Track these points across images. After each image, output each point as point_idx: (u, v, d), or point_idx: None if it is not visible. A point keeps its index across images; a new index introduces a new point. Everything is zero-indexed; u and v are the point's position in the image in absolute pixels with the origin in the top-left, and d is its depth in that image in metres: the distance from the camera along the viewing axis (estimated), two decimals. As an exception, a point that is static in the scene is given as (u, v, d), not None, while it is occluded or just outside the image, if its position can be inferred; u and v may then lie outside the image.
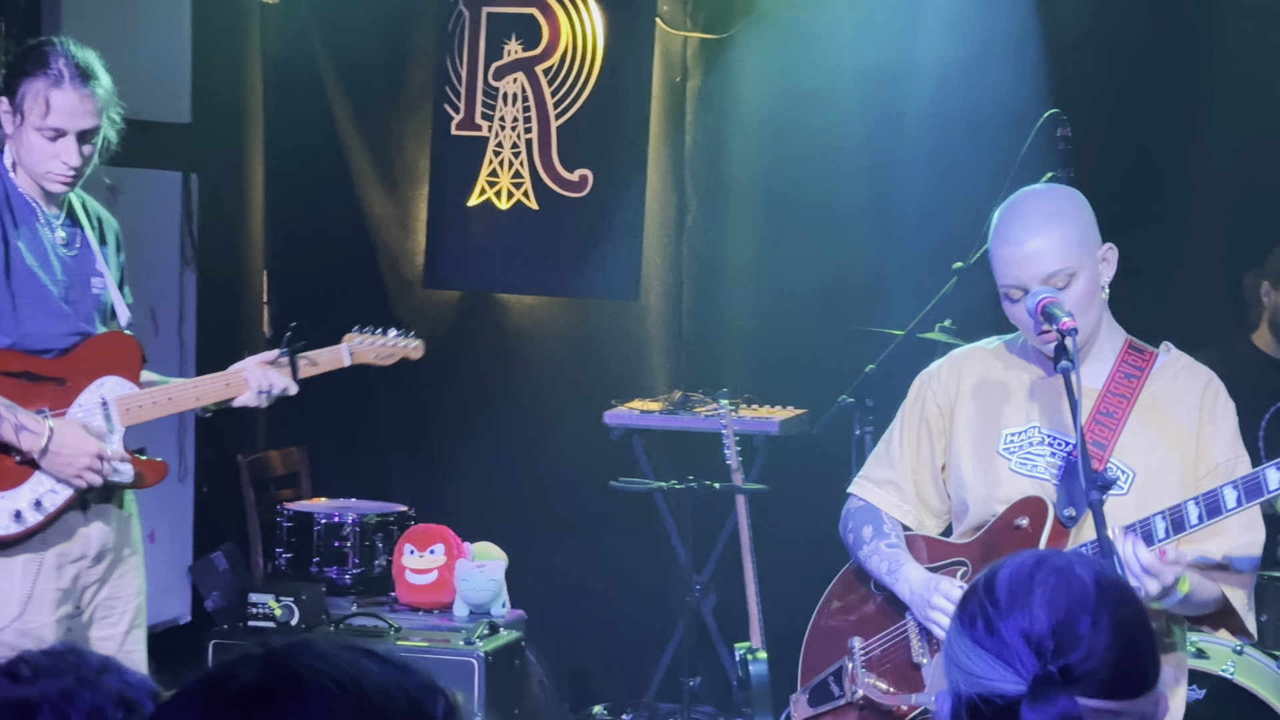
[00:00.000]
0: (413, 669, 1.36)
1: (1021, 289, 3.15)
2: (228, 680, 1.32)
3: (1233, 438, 3.22)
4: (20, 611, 3.79)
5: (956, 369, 3.39)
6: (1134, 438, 3.18)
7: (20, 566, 3.82)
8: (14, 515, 3.79)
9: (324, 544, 5.81)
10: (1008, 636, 1.80)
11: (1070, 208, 3.24)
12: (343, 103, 6.71)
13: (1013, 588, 1.84)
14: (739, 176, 6.49)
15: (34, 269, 3.83)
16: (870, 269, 6.24)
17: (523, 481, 6.61)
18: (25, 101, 3.78)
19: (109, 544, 3.96)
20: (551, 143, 6.52)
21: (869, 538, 3.37)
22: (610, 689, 6.48)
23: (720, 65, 6.48)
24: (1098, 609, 1.81)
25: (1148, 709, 1.82)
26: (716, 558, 6.16)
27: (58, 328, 3.87)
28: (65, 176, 3.82)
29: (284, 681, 1.31)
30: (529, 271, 6.61)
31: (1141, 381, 3.24)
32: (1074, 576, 1.84)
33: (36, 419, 3.78)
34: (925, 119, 6.06)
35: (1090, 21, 5.85)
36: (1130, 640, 1.82)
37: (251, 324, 6.59)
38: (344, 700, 1.30)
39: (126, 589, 4.03)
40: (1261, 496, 2.99)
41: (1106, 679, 1.78)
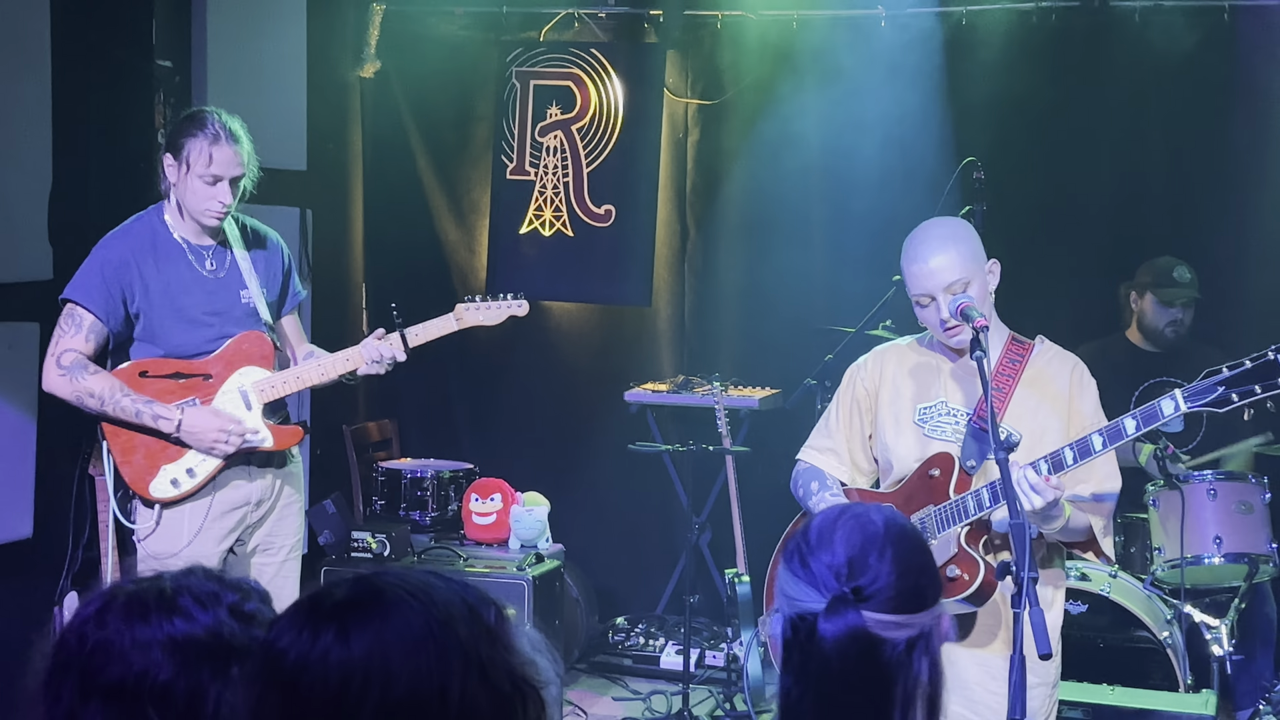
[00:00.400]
0: (471, 585, 1.37)
1: (929, 296, 3.17)
2: (325, 596, 1.33)
3: (1096, 405, 3.24)
4: (189, 542, 3.83)
5: (879, 361, 3.39)
6: (1019, 408, 3.18)
7: (189, 510, 3.87)
8: (172, 482, 3.85)
9: (409, 493, 5.81)
10: (815, 568, 1.83)
11: (962, 232, 3.25)
12: (423, 154, 6.70)
13: (820, 531, 1.87)
14: (728, 210, 6.48)
15: (176, 295, 3.86)
16: (829, 281, 6.22)
17: (562, 445, 6.61)
18: (191, 155, 3.79)
19: (268, 495, 3.98)
20: (584, 184, 6.51)
21: (815, 490, 3.36)
22: (629, 604, 6.48)
23: (714, 125, 6.47)
24: (884, 544, 1.83)
25: (928, 622, 1.82)
26: (711, 504, 6.16)
27: (203, 335, 3.89)
28: (219, 213, 3.85)
29: (370, 594, 1.32)
30: (567, 284, 6.60)
31: (1023, 365, 3.24)
32: (868, 521, 1.87)
33: (169, 409, 3.81)
34: (872, 165, 6.03)
35: (995, 88, 5.84)
36: (911, 568, 1.83)
37: (354, 325, 6.58)
38: (417, 606, 1.30)
39: (285, 529, 4.06)
40: (1121, 440, 3.00)
41: (891, 597, 1.80)
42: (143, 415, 3.79)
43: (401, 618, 1.29)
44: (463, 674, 1.28)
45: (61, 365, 3.79)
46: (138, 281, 3.82)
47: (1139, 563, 5.07)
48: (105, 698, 1.54)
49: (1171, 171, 5.82)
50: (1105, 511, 3.18)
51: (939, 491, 3.16)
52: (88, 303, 3.79)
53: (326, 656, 1.27)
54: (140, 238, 3.87)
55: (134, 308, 3.83)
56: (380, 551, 5.22)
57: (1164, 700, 4.21)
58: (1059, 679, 3.26)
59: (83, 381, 3.78)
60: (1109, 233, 5.90)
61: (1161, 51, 5.73)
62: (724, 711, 5.37)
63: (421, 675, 1.27)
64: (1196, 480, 4.81)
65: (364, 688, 1.26)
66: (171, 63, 5.33)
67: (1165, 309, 5.32)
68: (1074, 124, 5.87)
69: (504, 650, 1.33)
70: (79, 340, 3.79)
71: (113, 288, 3.80)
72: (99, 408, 3.79)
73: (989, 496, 3.06)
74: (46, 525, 4.85)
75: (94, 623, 1.57)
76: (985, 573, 3.06)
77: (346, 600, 1.31)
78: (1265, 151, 5.58)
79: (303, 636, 1.29)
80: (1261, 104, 5.57)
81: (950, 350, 3.28)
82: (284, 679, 1.28)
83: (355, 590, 1.32)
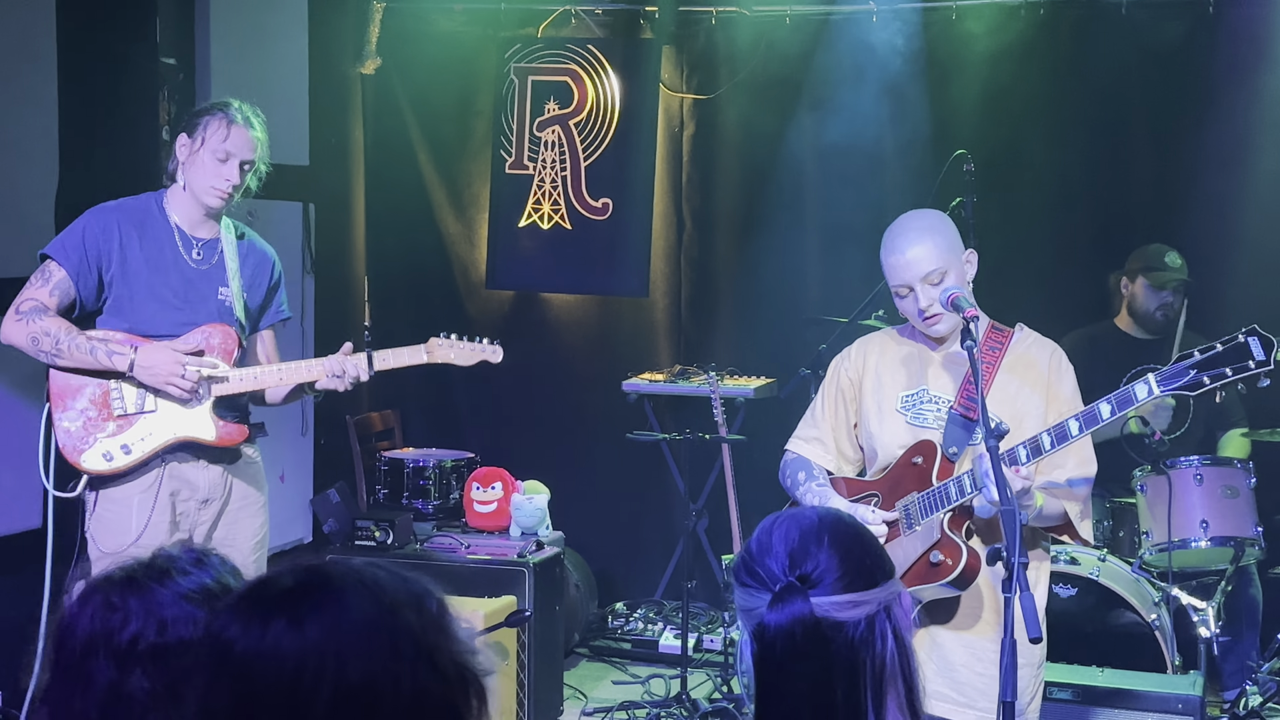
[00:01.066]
0: (413, 576, 1.36)
1: (908, 287, 3.18)
2: (272, 584, 1.31)
3: (1074, 390, 3.24)
4: (137, 537, 3.69)
5: (863, 351, 3.39)
6: (999, 394, 3.18)
7: (136, 501, 3.74)
8: (105, 456, 3.72)
9: (412, 482, 5.82)
10: (762, 573, 1.82)
11: (939, 224, 3.24)
12: (423, 149, 6.71)
13: (759, 540, 1.87)
14: (723, 202, 6.49)
15: (149, 274, 3.78)
16: (822, 272, 6.24)
17: (562, 434, 6.63)
18: (208, 130, 3.76)
19: (216, 493, 3.85)
20: (581, 178, 6.52)
21: (803, 480, 3.36)
22: (628, 589, 6.51)
23: (708, 119, 6.48)
24: (821, 531, 1.83)
25: (884, 597, 1.80)
26: (707, 491, 6.18)
27: (170, 318, 3.79)
28: (224, 192, 3.80)
29: (319, 581, 1.30)
30: (565, 276, 6.61)
31: (1003, 353, 3.24)
32: (803, 516, 1.87)
33: (123, 345, 3.70)
34: (866, 157, 6.06)
35: (985, 81, 5.86)
36: (851, 549, 1.82)
37: (356, 317, 6.60)
38: (367, 594, 1.29)
39: (243, 531, 3.92)
40: (1097, 424, 3.00)
41: (839, 576, 1.78)
42: (96, 352, 3.67)
43: (354, 605, 1.27)
44: (413, 661, 1.27)
45: (19, 311, 3.69)
46: (116, 251, 3.75)
47: (1127, 546, 5.09)
48: (149, 660, 1.54)
49: (1158, 162, 5.84)
50: (1081, 496, 3.18)
51: (922, 478, 3.18)
52: (61, 259, 3.71)
53: (279, 645, 1.24)
54: (131, 212, 3.82)
55: (108, 275, 3.75)
56: (384, 540, 5.23)
57: (1152, 681, 4.23)
58: (1044, 659, 3.28)
59: (37, 322, 3.66)
60: (1097, 223, 5.93)
61: (1147, 43, 5.76)
62: (721, 694, 5.39)
63: (375, 662, 1.25)
64: (1183, 465, 4.84)
65: (318, 675, 1.24)
66: (175, 60, 5.34)
67: (1156, 292, 5.35)
68: (1062, 116, 5.90)
69: (449, 639, 1.32)
70: (43, 292, 3.70)
71: (90, 250, 3.73)
72: (53, 348, 3.66)
73: (970, 483, 3.07)
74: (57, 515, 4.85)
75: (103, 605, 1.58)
76: (968, 557, 3.07)
77: (296, 588, 1.29)
78: (1249, 141, 5.60)
79: (252, 626, 1.26)
80: (1245, 94, 5.59)
81: (930, 339, 3.29)
82: (234, 669, 1.26)
83: (304, 578, 1.30)
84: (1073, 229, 5.95)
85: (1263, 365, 2.91)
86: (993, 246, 3.32)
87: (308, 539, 6.17)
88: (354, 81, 6.58)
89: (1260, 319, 3.04)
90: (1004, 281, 3.43)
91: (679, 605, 5.64)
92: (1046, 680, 3.45)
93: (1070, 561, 4.68)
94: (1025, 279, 5.71)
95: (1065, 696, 4.12)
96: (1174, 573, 4.75)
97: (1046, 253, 5.91)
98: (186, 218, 3.86)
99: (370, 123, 6.69)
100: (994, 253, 3.30)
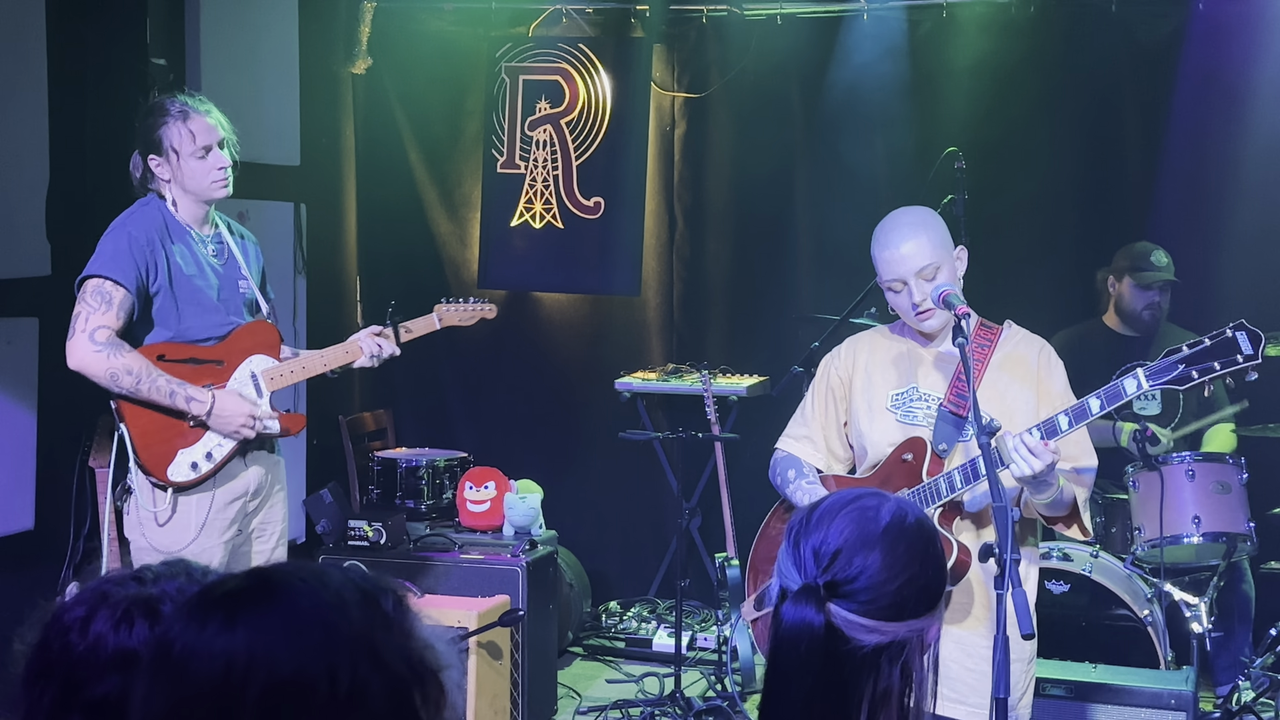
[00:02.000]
0: (370, 575, 1.35)
1: (901, 282, 3.18)
2: (217, 586, 1.32)
3: (1065, 386, 3.24)
4: (196, 535, 3.77)
5: (853, 350, 3.39)
6: (989, 390, 3.18)
7: (195, 502, 3.80)
8: (192, 465, 3.79)
9: (405, 482, 5.81)
10: (804, 548, 1.77)
11: (930, 220, 3.24)
12: (415, 149, 6.70)
13: (822, 513, 1.80)
14: (714, 201, 6.49)
15: (192, 277, 3.81)
16: (814, 270, 6.24)
17: (554, 433, 6.62)
18: (173, 141, 3.76)
19: (264, 482, 3.95)
20: (573, 177, 6.51)
21: (793, 478, 3.36)
22: (622, 588, 6.50)
23: (700, 117, 6.47)
24: (876, 544, 1.75)
25: (903, 633, 1.74)
26: (700, 489, 6.17)
27: (213, 320, 3.84)
28: (224, 180, 3.83)
29: (259, 582, 1.30)
30: (557, 275, 6.60)
31: (992, 350, 3.24)
32: (872, 517, 1.78)
33: (202, 391, 3.77)
34: (857, 156, 6.07)
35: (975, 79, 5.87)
36: (895, 576, 1.74)
37: (347, 317, 6.58)
38: (306, 590, 1.29)
39: (275, 515, 4.02)
40: (1086, 418, 2.99)
41: (871, 599, 1.72)
42: (176, 396, 3.72)
43: (289, 602, 1.27)
44: (352, 656, 1.26)
45: (96, 341, 3.65)
46: (160, 260, 3.75)
47: (1119, 542, 5.09)
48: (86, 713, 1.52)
49: (1148, 159, 5.84)
50: (1086, 484, 3.19)
51: (913, 475, 3.18)
52: (120, 277, 3.68)
53: (211, 644, 1.25)
54: (153, 219, 3.80)
55: (153, 287, 3.75)
56: (377, 540, 5.22)
57: (1145, 677, 4.23)
58: (1035, 655, 3.28)
59: (119, 358, 3.66)
60: (1088, 220, 5.93)
61: (1138, 40, 5.76)
62: (715, 693, 5.38)
63: (308, 657, 1.24)
64: (1175, 461, 4.83)
65: (247, 672, 1.24)
66: (165, 60, 5.32)
67: (1143, 292, 5.35)
68: (1053, 113, 5.90)
69: (400, 635, 1.30)
70: (110, 317, 3.67)
71: (140, 263, 3.71)
72: (133, 386, 3.68)
73: (960, 478, 3.07)
74: (48, 517, 4.85)
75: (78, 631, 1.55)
76: (959, 553, 3.08)
77: (236, 589, 1.30)
78: (1239, 138, 5.60)
79: (190, 626, 1.27)
80: (1235, 91, 5.59)
81: (921, 335, 3.29)
82: (171, 669, 1.26)
83: (246, 580, 1.31)
84: (1062, 226, 5.95)
85: (1250, 359, 2.92)
86: (982, 243, 3.31)
87: (301, 539, 6.15)
88: (345, 81, 6.57)
89: (1248, 315, 3.05)
90: (994, 278, 3.43)
91: (673, 604, 5.64)
92: (1039, 676, 3.46)
93: (1063, 558, 4.68)
94: (1014, 276, 5.71)
95: (1058, 693, 4.12)
96: (1166, 568, 4.75)
97: (1036, 250, 5.91)
98: (194, 217, 3.88)
99: (361, 122, 6.67)
100: (983, 250, 3.30)
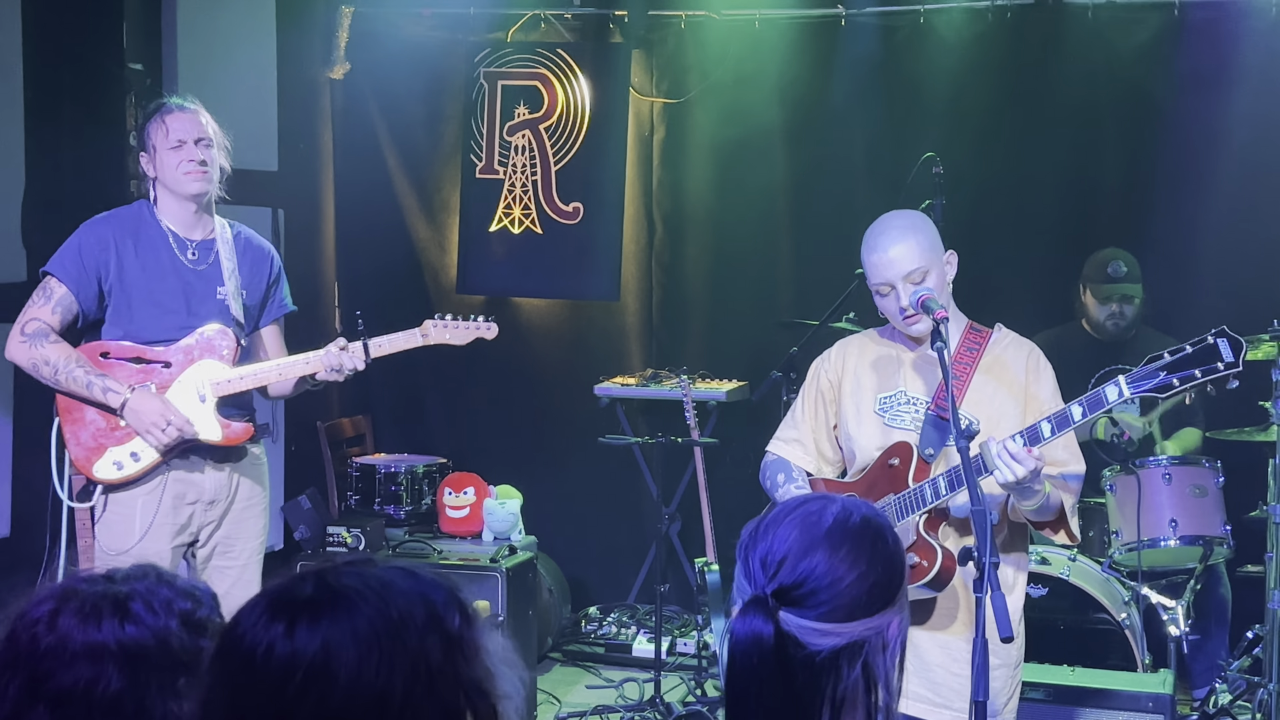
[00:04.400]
0: (442, 586, 1.34)
1: (889, 285, 3.18)
2: (290, 589, 1.32)
3: (1054, 390, 3.24)
4: (140, 539, 3.74)
5: (842, 353, 3.40)
6: (976, 394, 3.20)
7: (140, 503, 3.77)
8: (115, 465, 3.77)
9: (384, 488, 5.80)
10: (752, 560, 1.76)
11: (920, 223, 3.25)
12: (393, 154, 6.69)
13: (769, 523, 1.79)
14: (694, 205, 6.50)
15: (151, 278, 3.82)
16: (793, 275, 6.26)
17: (534, 438, 6.61)
18: (154, 136, 3.81)
19: (222, 493, 3.88)
20: (552, 182, 6.51)
21: (782, 482, 3.36)
22: (601, 594, 6.50)
23: (679, 122, 6.47)
24: (821, 545, 1.73)
25: (859, 632, 1.72)
26: (680, 494, 6.17)
27: (170, 322, 3.83)
28: (198, 172, 3.82)
29: (326, 593, 1.31)
30: (536, 280, 6.59)
31: (980, 353, 3.25)
32: (815, 520, 1.76)
33: (119, 385, 3.74)
34: (835, 160, 6.09)
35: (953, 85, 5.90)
36: (852, 570, 1.72)
37: (326, 322, 6.56)
38: (368, 610, 1.29)
39: (246, 530, 3.95)
40: (1069, 426, 2.99)
41: (822, 602, 1.71)
42: (93, 387, 3.72)
43: (350, 619, 1.27)
44: (407, 681, 1.26)
45: (24, 333, 3.75)
46: (114, 260, 3.79)
47: (1097, 546, 5.12)
48: (52, 704, 1.52)
49: (1125, 164, 5.87)
50: (1073, 490, 3.20)
51: (899, 480, 3.18)
52: (61, 274, 3.77)
53: (271, 649, 1.26)
54: (124, 221, 3.86)
55: (106, 285, 3.80)
56: (355, 546, 5.22)
57: (1123, 680, 4.25)
58: (1021, 660, 3.29)
59: (40, 349, 3.73)
60: (1066, 224, 5.95)
61: (1114, 47, 5.79)
62: (695, 698, 5.38)
63: (361, 679, 1.25)
64: (1152, 465, 4.86)
65: (303, 686, 1.24)
66: (143, 65, 5.30)
67: (1102, 305, 5.43)
68: (1030, 118, 5.92)
69: (461, 660, 1.30)
70: (45, 310, 3.76)
71: (88, 263, 3.77)
72: (52, 375, 3.73)
73: (945, 484, 3.08)
74: (24, 524, 4.82)
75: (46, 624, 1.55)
76: (944, 559, 3.08)
77: (304, 596, 1.30)
78: (1215, 143, 5.64)
79: (257, 626, 1.29)
80: (1210, 97, 5.62)
81: (910, 339, 3.30)
82: (237, 659, 1.28)
83: (314, 586, 1.31)
84: (1041, 230, 5.98)
85: (1231, 367, 2.91)
86: (961, 248, 3.31)
87: (278, 546, 6.12)
88: (323, 86, 6.56)
89: (1227, 318, 3.06)
90: (973, 283, 3.42)
91: (652, 609, 5.63)
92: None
93: (1041, 561, 4.70)
94: (994, 280, 5.73)
95: (1037, 696, 4.13)
96: (1144, 572, 4.77)
97: (1015, 254, 5.93)
98: (178, 220, 3.88)
99: (339, 128, 6.66)
100: (962, 254, 3.30)
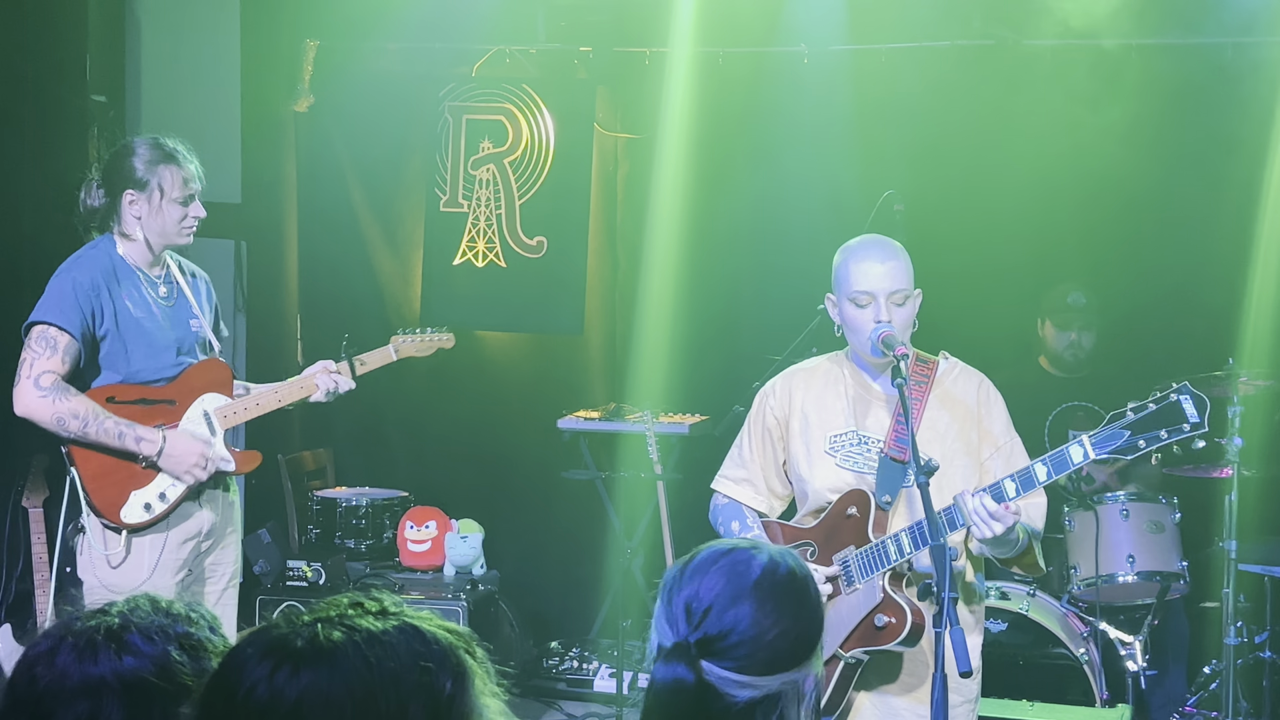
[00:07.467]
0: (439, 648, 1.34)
1: (870, 295, 3.12)
2: (287, 636, 1.33)
3: (1007, 423, 3.23)
4: (149, 575, 3.77)
5: (788, 386, 3.32)
6: (929, 430, 3.16)
7: (149, 543, 3.81)
8: (145, 507, 3.79)
9: (344, 522, 5.79)
10: (675, 603, 1.76)
11: (905, 252, 3.23)
12: (357, 187, 6.70)
13: (695, 567, 1.78)
14: (657, 241, 6.50)
15: (140, 319, 3.82)
16: (756, 310, 6.29)
17: (496, 472, 6.60)
18: (164, 182, 3.82)
19: (216, 523, 3.95)
20: (516, 216, 6.53)
21: (737, 530, 3.32)
22: (563, 628, 6.48)
23: (642, 158, 6.50)
24: (748, 597, 1.73)
25: (775, 686, 1.72)
26: (643, 529, 6.17)
27: (163, 360, 3.85)
28: (193, 228, 3.90)
29: (314, 650, 1.31)
30: (500, 313, 6.61)
31: (930, 385, 3.21)
32: (743, 570, 1.76)
33: (153, 431, 3.77)
34: (797, 196, 6.13)
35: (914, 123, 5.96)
36: (775, 626, 1.73)
37: (288, 355, 6.55)
38: (350, 671, 1.29)
39: (227, 557, 4.02)
40: (1033, 486, 2.99)
41: (745, 655, 1.71)
42: (125, 438, 3.73)
43: (330, 676, 1.28)
44: None
45: (41, 387, 3.68)
46: (107, 304, 3.77)
47: (1056, 581, 5.15)
48: None
49: (1083, 202, 5.93)
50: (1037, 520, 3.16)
51: (858, 531, 3.13)
52: (63, 323, 3.71)
53: (253, 690, 1.28)
54: (100, 263, 3.82)
55: (101, 330, 3.77)
56: (316, 580, 5.20)
57: (1081, 715, 4.29)
58: (979, 694, 3.30)
59: (64, 403, 3.69)
60: (1024, 264, 6.01)
61: (1074, 86, 5.87)
62: (657, 733, 5.38)
63: None
64: (1109, 501, 4.91)
65: None
66: (106, 97, 5.31)
67: (1062, 333, 5.50)
68: (990, 157, 5.98)
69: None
70: (55, 362, 3.70)
71: (85, 308, 3.74)
72: (80, 429, 3.70)
73: (909, 542, 3.03)
74: None
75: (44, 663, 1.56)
76: (914, 615, 3.04)
77: (294, 645, 1.31)
78: (1170, 181, 5.73)
79: (249, 662, 1.30)
80: (1170, 133, 5.72)
81: (868, 366, 3.24)
82: (221, 697, 1.30)
83: (307, 636, 1.32)
84: (1000, 269, 6.03)
85: (1198, 428, 2.90)
86: (920, 285, 3.34)
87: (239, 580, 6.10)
88: (287, 119, 6.56)
89: (1179, 355, 3.10)
90: (931, 321, 3.45)
91: (614, 644, 5.63)
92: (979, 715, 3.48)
93: (1000, 596, 4.74)
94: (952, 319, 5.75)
95: (996, 730, 4.16)
96: (1102, 607, 4.81)
97: (974, 293, 5.97)
98: (142, 258, 3.89)
99: (303, 160, 6.66)
100: (923, 290, 3.32)
